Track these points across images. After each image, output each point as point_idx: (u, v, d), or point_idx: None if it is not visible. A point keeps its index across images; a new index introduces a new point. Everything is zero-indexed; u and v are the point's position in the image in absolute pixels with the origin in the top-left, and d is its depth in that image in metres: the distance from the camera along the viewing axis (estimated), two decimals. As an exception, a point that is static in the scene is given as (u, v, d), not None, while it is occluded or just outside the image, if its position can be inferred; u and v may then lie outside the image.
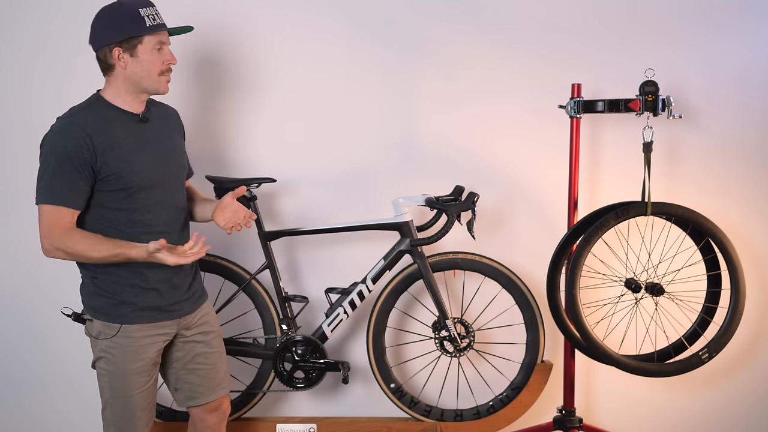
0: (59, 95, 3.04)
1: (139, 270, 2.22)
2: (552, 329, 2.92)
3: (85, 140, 2.10)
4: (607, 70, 2.97)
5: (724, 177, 3.03)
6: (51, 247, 2.12)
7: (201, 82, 3.04)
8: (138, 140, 2.21)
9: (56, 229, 2.11)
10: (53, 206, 2.10)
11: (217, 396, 2.46)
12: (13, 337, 3.17)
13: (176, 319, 2.32)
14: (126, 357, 2.23)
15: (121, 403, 2.27)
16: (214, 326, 2.47)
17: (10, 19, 3.03)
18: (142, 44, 2.17)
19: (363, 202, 3.07)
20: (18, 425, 3.20)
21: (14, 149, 3.08)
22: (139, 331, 2.23)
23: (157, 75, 2.20)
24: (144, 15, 2.16)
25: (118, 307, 2.22)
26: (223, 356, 2.50)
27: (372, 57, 3.04)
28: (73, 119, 2.14)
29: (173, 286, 2.29)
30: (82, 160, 2.10)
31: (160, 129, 2.31)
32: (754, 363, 3.11)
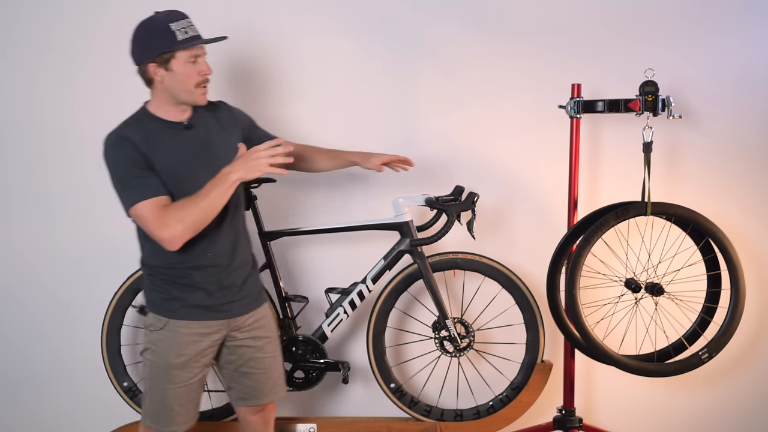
0: (63, 95, 3.07)
1: (189, 271, 2.26)
2: (552, 329, 2.92)
3: (136, 149, 2.16)
4: (607, 70, 2.97)
5: (723, 177, 3.03)
6: (171, 232, 2.11)
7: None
8: (184, 148, 2.24)
9: (163, 216, 2.12)
10: (146, 201, 2.13)
11: (266, 400, 2.47)
12: (13, 334, 3.18)
13: (225, 319, 2.33)
14: (169, 350, 2.27)
15: (159, 395, 2.30)
16: (269, 331, 2.46)
17: (12, 19, 3.03)
18: (175, 58, 2.20)
19: (363, 202, 3.08)
20: (18, 423, 3.20)
21: (17, 148, 3.09)
22: (186, 327, 2.27)
23: (193, 87, 2.23)
24: (175, 29, 2.18)
25: (168, 302, 2.28)
26: (276, 361, 2.49)
27: (372, 56, 3.04)
28: (121, 134, 2.20)
29: (222, 287, 2.30)
30: (142, 163, 2.16)
31: (207, 131, 2.33)
32: (754, 363, 3.11)
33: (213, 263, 2.28)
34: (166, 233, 2.12)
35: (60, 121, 3.08)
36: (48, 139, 3.10)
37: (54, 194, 3.11)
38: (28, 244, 3.12)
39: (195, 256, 2.24)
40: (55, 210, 3.12)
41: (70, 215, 3.11)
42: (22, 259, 3.14)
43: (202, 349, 2.30)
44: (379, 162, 2.62)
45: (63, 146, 3.09)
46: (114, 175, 2.17)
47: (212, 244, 2.26)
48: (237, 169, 2.15)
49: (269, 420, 2.54)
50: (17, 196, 3.11)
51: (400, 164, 2.69)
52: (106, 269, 3.08)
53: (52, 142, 3.10)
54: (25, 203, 3.12)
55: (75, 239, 3.12)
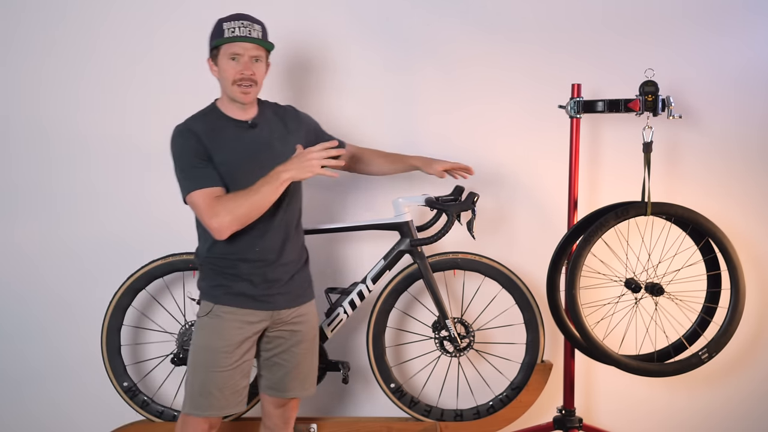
0: (67, 95, 3.07)
1: (236, 263, 2.34)
2: (552, 329, 2.92)
3: (198, 139, 2.27)
4: (607, 70, 2.98)
5: (723, 177, 3.03)
6: (220, 222, 2.20)
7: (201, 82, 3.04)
8: (245, 145, 2.33)
9: (214, 206, 2.21)
10: (201, 190, 2.23)
11: (290, 395, 2.50)
12: (14, 333, 3.18)
13: (269, 311, 2.38)
14: (211, 335, 2.33)
15: (199, 377, 2.35)
16: (309, 329, 2.50)
17: (16, 20, 3.04)
18: (220, 54, 2.32)
19: (363, 202, 3.08)
20: (17, 422, 3.20)
21: (22, 148, 3.09)
22: (230, 313, 2.33)
23: (230, 84, 2.31)
24: (225, 27, 2.30)
25: (214, 288, 2.37)
26: (309, 360, 2.52)
27: (371, 56, 3.04)
28: (187, 125, 2.32)
29: (266, 280, 2.36)
30: (203, 154, 2.27)
31: (270, 131, 2.40)
32: (754, 363, 3.11)
33: (260, 257, 2.35)
34: (215, 222, 2.20)
35: (64, 121, 3.09)
36: (52, 139, 3.10)
37: (57, 194, 3.11)
38: (30, 243, 3.12)
39: (243, 248, 2.32)
40: (57, 210, 3.12)
41: (73, 215, 3.11)
42: (25, 258, 3.14)
43: (245, 337, 2.35)
44: (441, 168, 2.65)
45: (67, 146, 3.09)
46: (176, 163, 2.29)
47: (261, 238, 2.34)
48: (289, 168, 2.22)
49: (289, 418, 2.57)
50: (21, 196, 3.11)
51: (460, 172, 2.70)
52: (108, 269, 3.08)
53: (56, 142, 3.10)
54: (29, 203, 3.12)
55: (77, 239, 3.12)
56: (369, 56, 3.05)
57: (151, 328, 3.08)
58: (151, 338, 3.10)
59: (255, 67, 2.32)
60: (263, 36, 2.35)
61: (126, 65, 3.06)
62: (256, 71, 2.32)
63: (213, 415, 2.36)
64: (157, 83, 3.06)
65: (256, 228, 2.30)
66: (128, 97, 3.07)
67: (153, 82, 3.06)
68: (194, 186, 2.24)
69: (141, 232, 3.10)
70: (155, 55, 3.06)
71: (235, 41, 2.29)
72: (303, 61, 3.04)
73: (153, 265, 2.89)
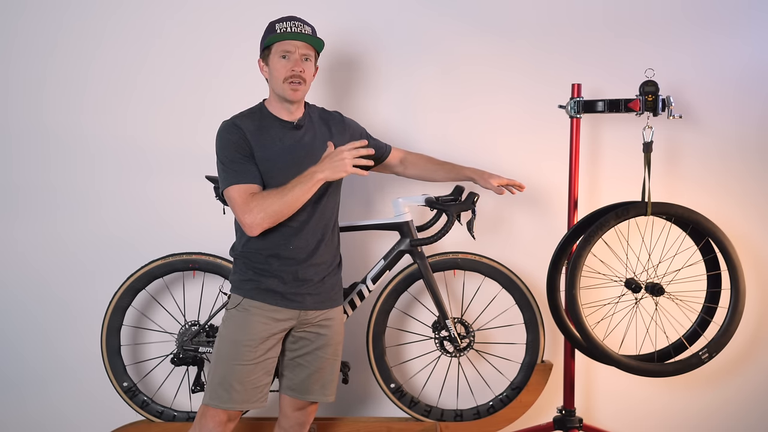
0: (68, 98, 3.08)
1: (269, 259, 2.37)
2: (552, 329, 2.92)
3: (243, 136, 2.32)
4: (607, 70, 2.98)
5: (723, 177, 3.03)
6: (253, 219, 2.25)
7: (203, 84, 3.04)
8: (287, 145, 2.37)
9: (249, 203, 2.26)
10: (239, 185, 2.28)
11: (309, 398, 2.50)
12: (13, 334, 3.18)
13: (297, 310, 2.39)
14: (237, 327, 2.36)
15: (221, 369, 2.36)
16: (334, 333, 2.51)
17: (19, 20, 3.05)
18: (271, 52, 2.38)
19: (363, 202, 3.08)
20: (18, 424, 3.20)
21: (24, 148, 3.10)
22: (257, 308, 2.36)
23: (281, 81, 2.35)
24: (278, 28, 2.36)
25: (244, 282, 2.39)
26: (332, 364, 2.52)
27: (371, 55, 3.04)
28: (234, 121, 2.36)
29: (297, 278, 2.38)
30: (246, 150, 2.31)
31: (314, 134, 2.44)
32: (754, 363, 3.11)
33: (292, 256, 2.37)
34: (248, 218, 2.25)
35: (66, 122, 3.09)
36: (53, 139, 3.10)
37: (57, 194, 3.12)
38: (30, 244, 3.12)
39: (277, 245, 2.35)
40: (58, 210, 3.12)
41: (73, 215, 3.11)
42: (25, 259, 3.14)
43: (270, 333, 2.36)
44: (497, 183, 2.62)
45: (68, 147, 3.09)
46: (219, 156, 2.33)
47: (296, 236, 2.37)
48: (323, 168, 2.25)
49: (305, 422, 2.57)
50: (22, 196, 3.11)
51: (514, 187, 2.68)
52: (108, 269, 3.08)
53: (57, 143, 3.10)
54: (30, 203, 3.12)
55: (77, 239, 3.12)
56: (369, 56, 3.04)
57: (151, 329, 3.08)
58: (151, 338, 3.09)
59: (305, 66, 2.36)
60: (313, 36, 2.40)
61: (128, 66, 3.07)
62: (305, 69, 2.36)
63: (232, 408, 2.36)
64: (160, 84, 3.06)
65: (291, 226, 2.35)
66: (130, 98, 3.07)
67: (155, 83, 3.06)
68: (232, 180, 2.28)
69: (141, 232, 3.10)
70: (158, 57, 3.06)
71: (287, 38, 2.34)
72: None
73: (153, 265, 2.89)
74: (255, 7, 3.02)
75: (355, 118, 3.06)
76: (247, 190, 2.28)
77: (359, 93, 3.06)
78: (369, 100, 3.06)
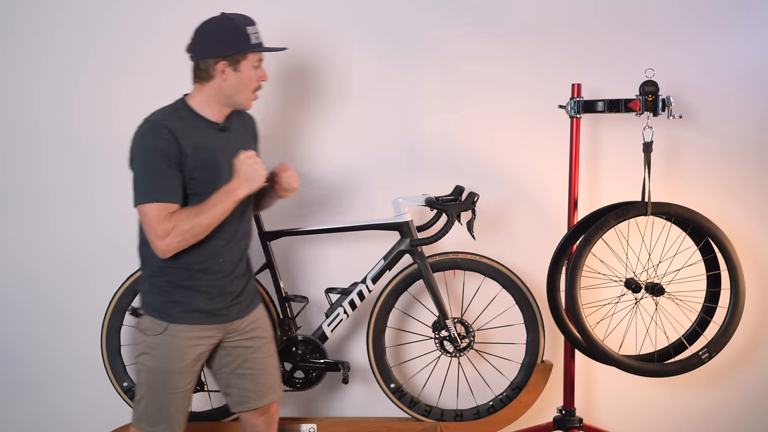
0: (61, 99, 3.07)
1: (197, 274, 2.25)
2: (552, 329, 2.92)
3: (174, 141, 2.14)
4: (607, 70, 2.97)
5: (723, 177, 3.03)
6: (168, 243, 2.12)
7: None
8: (219, 148, 2.25)
9: (166, 226, 2.12)
10: (159, 204, 2.13)
11: (267, 401, 2.47)
12: (10, 337, 3.17)
13: (222, 324, 2.33)
14: (170, 355, 2.25)
15: (157, 399, 2.28)
16: (265, 332, 2.48)
17: (13, 18, 3.04)
18: (246, 60, 2.23)
19: (363, 202, 3.07)
20: (14, 425, 3.19)
21: (17, 148, 3.09)
22: (186, 332, 2.25)
23: (251, 91, 2.27)
24: (250, 33, 2.23)
25: (168, 305, 2.25)
26: (273, 361, 2.50)
27: (371, 56, 3.04)
28: (161, 122, 2.17)
29: (223, 292, 2.31)
30: (175, 158, 2.14)
31: (237, 136, 2.35)
32: (755, 363, 3.11)
33: (221, 269, 2.28)
34: (163, 243, 2.13)
35: (58, 120, 3.08)
36: (47, 139, 3.09)
37: (54, 195, 3.11)
38: (26, 245, 3.12)
39: (207, 258, 2.24)
40: (53, 210, 3.12)
41: (69, 215, 3.11)
42: (21, 260, 3.13)
43: (199, 353, 2.30)
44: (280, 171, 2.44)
45: (62, 147, 3.09)
46: (139, 162, 2.15)
47: (226, 248, 2.28)
48: (241, 184, 2.19)
49: (272, 423, 2.54)
50: (16, 196, 3.11)
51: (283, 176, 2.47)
52: (104, 269, 3.08)
53: (51, 143, 3.09)
54: (24, 203, 3.12)
55: (73, 239, 3.12)
56: (369, 56, 3.04)
57: (151, 328, 3.08)
58: (151, 338, 3.09)
59: None
60: None
61: (121, 67, 3.06)
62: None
63: None
64: (152, 85, 3.04)
65: (221, 238, 2.25)
66: (123, 98, 3.06)
67: (148, 83, 3.05)
68: (153, 197, 2.12)
69: (134, 232, 3.09)
70: (150, 57, 3.05)
71: (266, 51, 2.27)
72: (302, 62, 3.04)
73: (153, 265, 2.89)
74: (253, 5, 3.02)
75: (352, 120, 3.07)
76: (167, 210, 2.12)
77: (359, 93, 3.06)
78: (369, 101, 3.06)
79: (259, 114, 3.05)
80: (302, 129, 3.07)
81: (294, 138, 3.08)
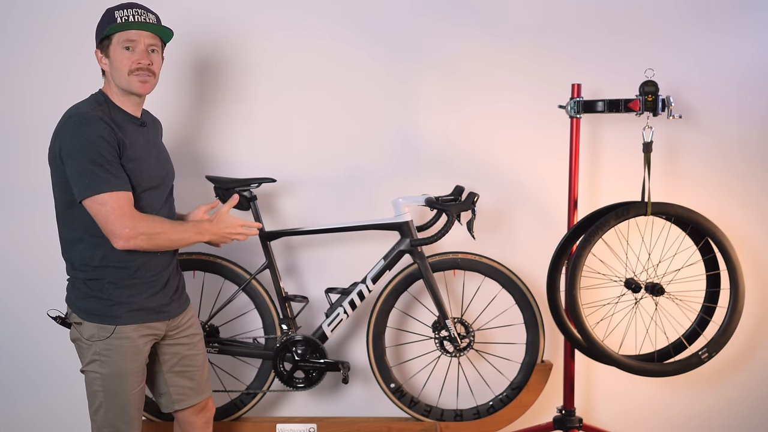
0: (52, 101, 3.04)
1: (138, 272, 2.23)
2: (552, 329, 2.92)
3: (113, 131, 2.12)
4: (607, 70, 2.98)
5: (723, 177, 3.03)
6: (134, 233, 2.10)
7: (203, 83, 3.04)
8: (143, 142, 2.25)
9: (131, 215, 2.11)
10: (115, 193, 2.08)
11: (204, 397, 2.49)
12: (4, 338, 3.16)
13: (166, 320, 2.33)
14: (124, 358, 2.22)
15: (117, 404, 2.24)
16: (198, 329, 2.51)
17: (3, 18, 3.04)
18: (112, 44, 2.19)
19: (363, 202, 3.07)
20: (9, 426, 3.19)
21: (5, 151, 3.09)
22: (135, 331, 2.23)
23: (126, 74, 2.19)
24: (118, 16, 2.18)
25: (113, 308, 2.20)
26: (206, 357, 2.53)
27: (372, 56, 3.04)
28: (94, 113, 2.13)
29: (164, 287, 2.31)
30: (116, 148, 2.12)
31: (156, 134, 2.39)
32: (755, 363, 3.11)
33: (160, 262, 2.28)
34: (125, 232, 2.09)
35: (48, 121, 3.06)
36: (35, 139, 3.07)
37: (41, 195, 3.09)
38: (16, 247, 3.11)
39: (146, 254, 2.21)
40: (39, 210, 3.10)
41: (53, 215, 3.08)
42: (12, 262, 3.12)
43: (149, 348, 2.30)
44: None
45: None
46: (82, 154, 2.07)
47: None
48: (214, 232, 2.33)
49: (210, 418, 2.55)
50: (12, 199, 3.10)
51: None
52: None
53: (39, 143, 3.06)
54: (13, 203, 3.10)
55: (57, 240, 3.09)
56: (370, 58, 3.04)
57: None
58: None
59: (152, 57, 2.22)
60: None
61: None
62: (153, 61, 2.22)
63: None
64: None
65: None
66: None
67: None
68: (110, 186, 2.07)
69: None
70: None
71: (131, 28, 2.17)
72: (303, 62, 3.04)
73: (153, 265, 2.89)
74: (253, 6, 3.03)
75: (352, 119, 3.07)
76: (128, 200, 2.09)
77: (359, 94, 3.06)
78: (370, 101, 3.06)
79: (259, 113, 3.06)
80: (303, 129, 3.07)
81: (294, 137, 3.08)
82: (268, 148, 3.07)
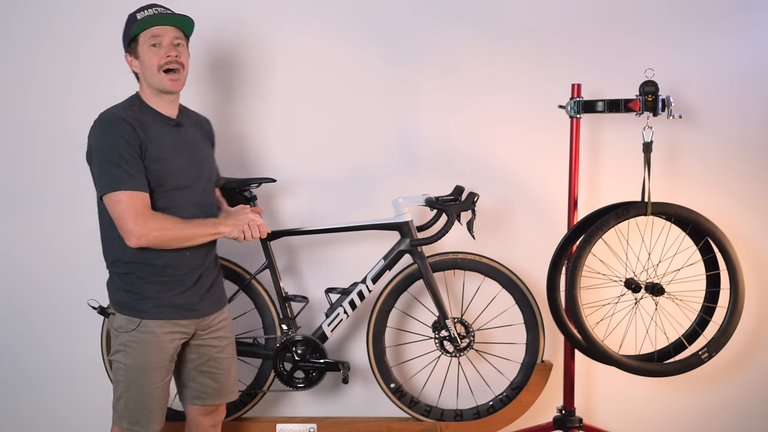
0: (56, 101, 3.07)
1: (166, 270, 2.26)
2: (552, 329, 2.92)
3: (133, 131, 2.16)
4: (607, 70, 2.98)
5: (723, 177, 3.03)
6: (144, 231, 2.13)
7: (204, 83, 3.04)
8: (173, 142, 2.28)
9: (144, 214, 2.13)
10: (131, 192, 2.12)
11: (223, 401, 2.49)
12: (10, 338, 3.17)
13: (195, 318, 2.34)
14: (147, 351, 2.25)
15: (138, 396, 2.28)
16: (230, 333, 2.50)
17: (8, 16, 3.04)
18: (139, 44, 2.25)
19: (363, 202, 3.08)
20: (12, 425, 3.19)
21: (12, 148, 3.09)
22: (160, 327, 2.26)
23: (157, 71, 2.23)
24: (140, 16, 2.24)
25: (141, 302, 2.25)
26: (234, 363, 2.52)
27: (372, 57, 3.04)
28: (119, 115, 2.19)
29: (195, 286, 2.32)
30: (137, 149, 2.16)
31: (194, 134, 2.38)
32: (755, 363, 3.11)
33: (190, 262, 2.29)
34: (138, 228, 2.12)
35: (53, 121, 3.07)
36: (41, 139, 3.09)
37: (53, 195, 3.11)
38: (22, 246, 3.11)
39: (174, 253, 2.25)
40: (53, 211, 3.11)
41: (68, 217, 3.10)
42: (19, 261, 3.12)
43: (176, 346, 2.31)
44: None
45: (57, 146, 3.07)
46: (103, 154, 2.14)
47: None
48: (229, 225, 2.31)
49: (219, 423, 2.56)
50: (16, 198, 3.10)
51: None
52: (101, 269, 3.06)
53: (45, 142, 3.09)
54: (20, 203, 3.11)
55: (69, 240, 3.11)
56: (369, 57, 3.04)
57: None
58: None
59: (179, 51, 2.26)
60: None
61: (115, 66, 3.04)
62: (180, 54, 2.26)
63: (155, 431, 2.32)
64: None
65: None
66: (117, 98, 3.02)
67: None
68: (127, 185, 2.12)
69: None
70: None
71: (155, 24, 2.22)
72: (302, 62, 3.04)
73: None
74: (253, 8, 3.03)
75: (353, 120, 3.07)
76: (143, 200, 2.13)
77: (359, 94, 3.06)
78: (370, 102, 3.06)
79: (259, 114, 3.06)
80: (303, 129, 3.07)
81: (295, 138, 3.08)
82: (268, 148, 3.07)
